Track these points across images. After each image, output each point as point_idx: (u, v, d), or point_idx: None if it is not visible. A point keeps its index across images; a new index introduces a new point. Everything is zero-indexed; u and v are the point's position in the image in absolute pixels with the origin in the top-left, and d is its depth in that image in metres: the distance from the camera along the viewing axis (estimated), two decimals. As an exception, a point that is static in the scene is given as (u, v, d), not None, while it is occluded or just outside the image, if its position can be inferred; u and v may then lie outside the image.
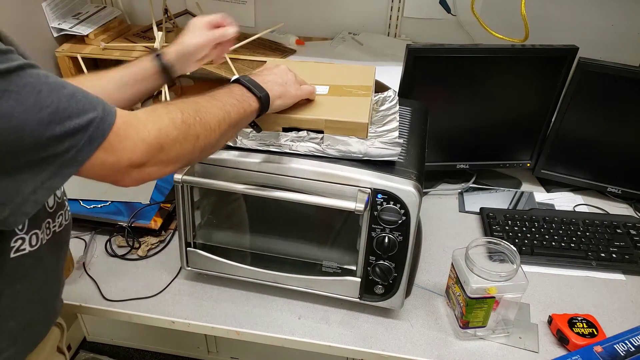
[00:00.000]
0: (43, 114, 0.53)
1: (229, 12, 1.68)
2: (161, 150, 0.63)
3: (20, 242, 0.71)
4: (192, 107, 0.68)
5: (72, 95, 0.57)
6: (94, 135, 0.57)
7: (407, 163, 0.90)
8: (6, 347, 0.74)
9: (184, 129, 0.65)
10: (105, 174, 0.61)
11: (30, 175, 0.55)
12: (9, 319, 0.73)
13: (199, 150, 0.68)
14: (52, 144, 0.54)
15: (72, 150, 0.56)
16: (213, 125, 0.69)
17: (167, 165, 0.65)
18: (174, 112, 0.65)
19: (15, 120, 0.51)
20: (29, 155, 0.54)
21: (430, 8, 1.54)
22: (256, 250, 1.02)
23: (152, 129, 0.62)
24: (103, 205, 1.19)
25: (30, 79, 0.53)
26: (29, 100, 0.52)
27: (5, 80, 0.51)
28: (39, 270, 0.76)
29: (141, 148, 0.61)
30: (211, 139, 0.70)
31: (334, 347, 0.95)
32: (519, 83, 1.24)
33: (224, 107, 0.72)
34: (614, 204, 1.33)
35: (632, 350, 0.91)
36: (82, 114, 0.56)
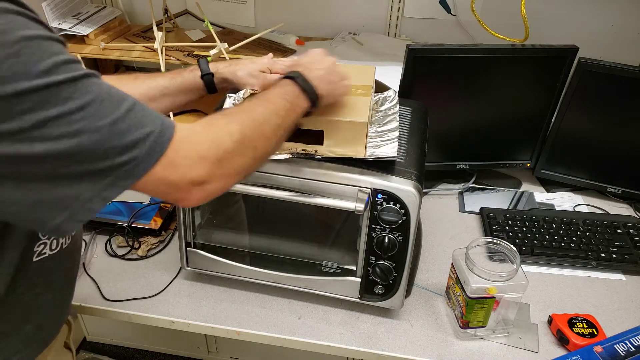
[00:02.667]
0: (104, 123, 0.53)
1: (229, 12, 1.68)
2: (220, 166, 0.62)
3: (43, 246, 0.71)
4: (249, 117, 0.68)
5: (131, 108, 0.56)
6: (152, 149, 0.56)
7: (407, 163, 0.90)
8: (21, 349, 0.74)
9: (242, 141, 0.64)
10: (167, 191, 0.60)
11: (89, 185, 0.54)
12: (26, 322, 0.73)
13: (258, 160, 0.68)
14: (110, 155, 0.54)
15: (130, 163, 0.55)
16: (270, 133, 0.69)
17: (228, 180, 0.64)
18: (232, 124, 0.65)
19: (76, 126, 0.51)
20: (89, 164, 0.53)
21: (430, 8, 1.54)
22: (256, 250, 1.02)
23: (211, 145, 0.61)
24: (103, 205, 1.19)
25: (93, 88, 0.53)
26: (92, 109, 0.52)
27: (70, 87, 0.51)
28: (57, 273, 0.76)
29: (200, 165, 0.60)
30: (268, 147, 0.70)
31: (334, 347, 0.95)
32: (519, 83, 1.24)
33: (279, 112, 0.71)
34: (614, 204, 1.33)
35: (632, 350, 0.91)
36: (141, 127, 0.56)
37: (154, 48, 1.40)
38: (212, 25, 1.45)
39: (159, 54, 1.38)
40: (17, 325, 0.72)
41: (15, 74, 0.47)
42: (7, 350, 0.72)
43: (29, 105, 0.48)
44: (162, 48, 1.40)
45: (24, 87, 0.47)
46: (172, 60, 1.39)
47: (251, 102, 0.72)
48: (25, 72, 0.47)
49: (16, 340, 0.73)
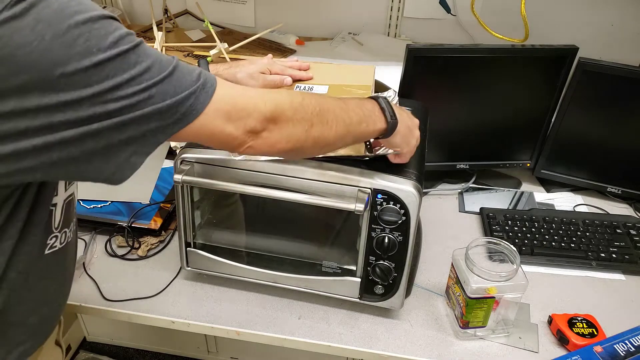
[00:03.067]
0: (166, 74, 0.59)
1: (229, 12, 1.68)
2: (274, 122, 0.66)
3: (55, 239, 0.73)
4: (315, 97, 0.71)
5: (178, 61, 0.62)
6: (205, 83, 0.62)
7: (407, 163, 0.90)
8: (24, 341, 0.75)
9: (300, 111, 0.68)
10: (224, 140, 0.65)
11: (156, 122, 0.59)
12: (32, 315, 0.75)
13: (311, 140, 0.70)
14: (177, 92, 0.59)
15: (191, 98, 0.60)
16: (330, 121, 0.71)
17: (279, 141, 0.67)
18: (295, 94, 0.70)
19: (145, 84, 0.57)
20: (158, 104, 0.58)
21: (430, 8, 1.55)
22: (256, 250, 1.02)
23: (269, 101, 0.66)
24: (103, 205, 1.19)
25: (149, 51, 0.60)
26: (154, 68, 0.58)
27: (135, 54, 0.57)
28: (63, 267, 0.78)
29: (256, 117, 0.65)
30: (325, 133, 0.71)
31: (334, 347, 0.95)
32: (519, 83, 1.24)
33: (347, 112, 0.73)
34: (614, 204, 1.33)
35: (632, 350, 0.91)
36: (192, 71, 0.62)
37: (153, 48, 1.40)
38: (212, 25, 1.45)
39: (159, 54, 1.38)
40: (25, 316, 0.74)
41: (90, 48, 0.53)
42: (13, 342, 0.73)
43: (105, 74, 0.54)
44: (162, 48, 1.40)
45: (99, 58, 0.54)
46: (172, 60, 1.39)
47: (325, 95, 0.75)
48: (98, 46, 0.54)
49: (21, 332, 0.74)
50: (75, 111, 0.54)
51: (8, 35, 0.50)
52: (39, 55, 0.51)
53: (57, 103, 0.53)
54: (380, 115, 0.77)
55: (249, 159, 0.87)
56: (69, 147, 0.56)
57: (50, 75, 0.52)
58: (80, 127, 0.55)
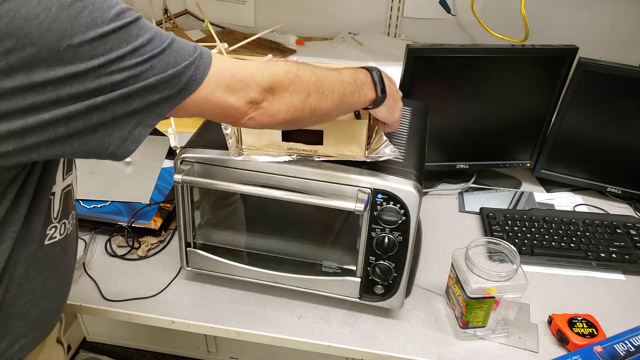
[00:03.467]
0: (166, 46, 0.60)
1: (229, 12, 1.68)
2: (271, 92, 0.67)
3: (54, 230, 0.73)
4: (310, 69, 0.72)
5: (174, 36, 0.64)
6: (202, 54, 0.63)
7: (407, 163, 0.90)
8: (25, 334, 0.75)
9: (296, 81, 0.69)
10: (226, 111, 0.66)
11: (161, 94, 0.61)
12: (33, 307, 0.75)
13: (308, 109, 0.71)
14: (177, 63, 0.61)
15: (191, 68, 0.62)
16: (326, 90, 0.72)
17: (278, 112, 0.69)
18: (291, 66, 0.70)
19: (147, 55, 0.59)
20: (160, 76, 0.60)
21: (430, 8, 1.55)
22: (256, 250, 1.02)
23: (267, 73, 0.67)
24: (103, 205, 1.19)
25: (149, 25, 0.61)
26: (155, 40, 0.60)
27: (137, 26, 0.59)
28: (63, 260, 0.78)
29: (255, 88, 0.66)
30: (321, 103, 0.72)
31: (334, 347, 0.95)
32: (519, 83, 1.24)
33: (342, 82, 0.75)
34: (614, 204, 1.33)
35: (632, 350, 0.91)
36: (188, 43, 0.63)
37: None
38: (212, 25, 1.45)
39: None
40: (26, 309, 0.74)
41: (94, 20, 0.55)
42: (14, 335, 0.73)
43: (109, 45, 0.56)
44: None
45: (104, 30, 0.55)
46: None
47: (319, 65, 0.75)
48: (102, 18, 0.55)
49: (23, 325, 0.74)
50: (81, 84, 0.55)
51: (16, 8, 0.51)
52: (46, 28, 0.52)
53: (63, 76, 0.54)
54: (372, 87, 0.79)
55: (249, 159, 0.87)
56: (75, 121, 0.57)
57: (57, 47, 0.53)
58: (87, 100, 0.56)
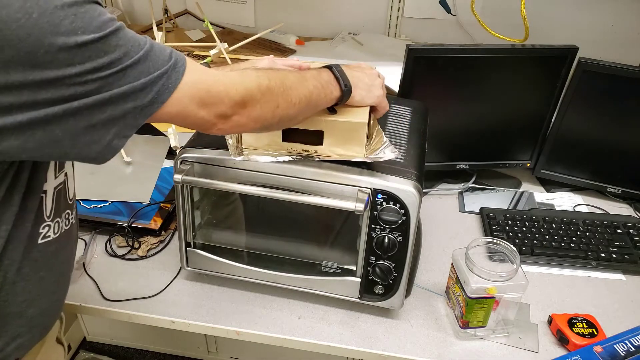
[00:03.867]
0: (141, 55, 0.62)
1: (229, 12, 1.68)
2: (244, 107, 0.70)
3: (47, 228, 0.73)
4: (279, 78, 0.75)
5: (153, 43, 0.65)
6: (177, 62, 0.65)
7: (407, 163, 0.90)
8: (22, 334, 0.75)
9: (267, 94, 0.72)
10: (197, 123, 0.69)
11: (134, 102, 0.62)
12: (30, 306, 0.75)
13: (277, 118, 0.75)
14: (150, 70, 0.62)
15: (163, 77, 0.63)
16: (294, 99, 0.75)
17: (247, 123, 0.72)
18: (262, 77, 0.73)
19: (123, 64, 0.60)
20: (134, 83, 0.61)
21: (430, 8, 1.55)
22: (256, 250, 1.02)
23: (240, 89, 0.70)
24: (103, 205, 1.19)
25: (128, 34, 0.62)
26: (133, 48, 0.61)
27: (116, 37, 0.60)
28: (59, 258, 0.78)
29: (227, 103, 0.69)
30: (289, 111, 0.76)
31: (334, 347, 0.95)
32: (519, 83, 1.24)
33: (307, 87, 0.78)
34: (614, 204, 1.33)
35: (632, 350, 0.91)
36: (165, 50, 0.65)
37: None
38: (212, 25, 1.45)
39: (159, 54, 1.38)
40: (22, 308, 0.74)
41: (75, 29, 0.55)
42: (10, 334, 0.73)
43: (87, 55, 0.57)
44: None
45: (83, 39, 0.56)
46: (172, 60, 1.39)
47: (286, 71, 0.78)
48: (83, 28, 0.56)
49: (20, 324, 0.74)
50: (57, 89, 0.56)
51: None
52: (26, 32, 0.53)
53: (40, 80, 0.55)
54: (336, 84, 0.82)
55: (248, 159, 0.87)
56: (52, 126, 0.58)
57: (35, 52, 0.54)
58: (62, 105, 0.57)
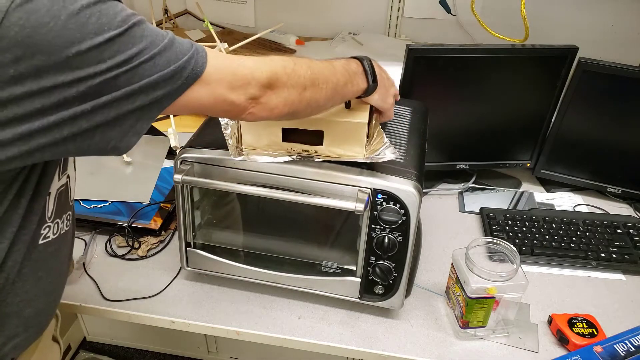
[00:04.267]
0: (166, 43, 0.63)
1: (229, 12, 1.68)
2: (271, 88, 0.70)
3: (47, 229, 0.74)
4: (305, 63, 0.75)
5: (174, 35, 0.66)
6: (198, 51, 0.65)
7: (407, 163, 0.90)
8: (19, 333, 0.75)
9: (293, 76, 0.72)
10: (227, 109, 0.69)
11: (165, 88, 0.63)
12: (27, 306, 0.75)
13: (305, 102, 0.74)
14: (177, 58, 0.63)
15: (191, 62, 0.64)
16: (321, 83, 0.75)
17: (276, 106, 0.72)
18: (288, 61, 0.73)
19: (150, 54, 0.61)
20: (163, 71, 0.62)
21: (430, 8, 1.55)
22: (256, 250, 1.02)
23: (265, 70, 0.70)
24: (103, 205, 1.19)
25: (149, 26, 0.63)
26: (156, 39, 0.62)
27: (140, 29, 0.61)
28: (57, 259, 0.78)
29: (255, 85, 0.69)
30: (317, 95, 0.75)
31: (334, 347, 0.95)
32: (519, 83, 1.24)
33: (335, 74, 0.77)
34: (614, 204, 1.33)
35: (632, 350, 0.91)
36: (185, 42, 0.65)
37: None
38: (212, 25, 1.45)
39: (159, 54, 1.38)
40: (20, 308, 0.74)
41: (102, 26, 0.57)
42: (7, 334, 0.74)
43: (115, 48, 0.58)
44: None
45: (110, 35, 0.57)
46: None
47: (316, 59, 0.78)
48: (108, 24, 0.57)
49: (17, 324, 0.74)
50: (88, 86, 0.57)
51: (25, 17, 0.52)
52: (55, 35, 0.53)
53: (71, 80, 0.56)
54: (363, 76, 0.82)
55: (249, 159, 0.87)
56: (80, 121, 0.58)
57: (66, 54, 0.54)
58: (92, 101, 0.58)
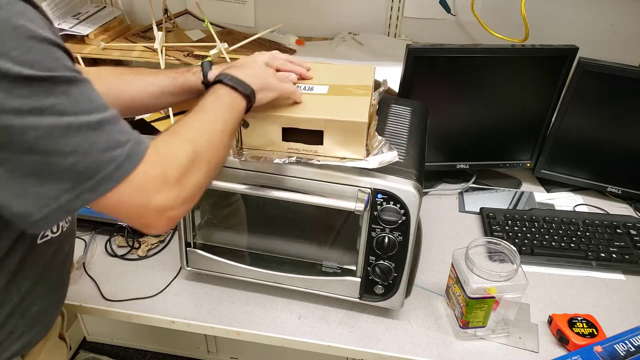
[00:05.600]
0: (92, 120, 0.57)
1: (229, 12, 1.68)
2: (183, 188, 0.63)
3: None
4: (195, 132, 0.68)
5: (116, 115, 0.60)
6: (131, 154, 0.59)
7: (407, 163, 0.90)
8: (26, 332, 0.76)
9: (196, 159, 0.66)
10: (133, 214, 0.62)
11: (71, 185, 0.57)
12: (32, 304, 0.75)
13: (212, 173, 0.69)
14: (94, 150, 0.57)
15: (112, 165, 0.57)
16: (217, 142, 0.70)
17: (190, 201, 0.66)
18: (186, 144, 0.66)
19: (67, 119, 0.55)
20: (73, 159, 0.56)
21: (430, 8, 1.54)
22: (256, 250, 1.02)
23: (174, 167, 0.63)
24: (103, 205, 1.19)
25: (85, 89, 0.58)
26: (82, 106, 0.56)
27: (68, 84, 0.56)
28: (59, 256, 0.79)
29: (166, 190, 0.61)
30: (219, 156, 0.71)
31: (334, 347, 0.95)
32: (519, 83, 1.24)
33: (219, 118, 0.72)
34: (614, 204, 1.33)
35: (632, 350, 0.91)
36: (123, 133, 0.59)
37: (153, 48, 1.40)
38: (212, 25, 1.45)
39: (159, 54, 1.38)
40: (25, 306, 0.74)
41: (26, 62, 0.52)
42: (13, 333, 0.74)
43: (31, 89, 0.53)
44: (162, 48, 1.40)
45: (30, 73, 0.52)
46: (172, 60, 1.39)
47: (190, 117, 0.72)
48: (34, 62, 0.53)
49: (22, 323, 0.74)
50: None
51: None
52: None
53: None
54: (236, 94, 0.76)
55: (248, 159, 0.87)
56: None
57: None
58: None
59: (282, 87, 0.84)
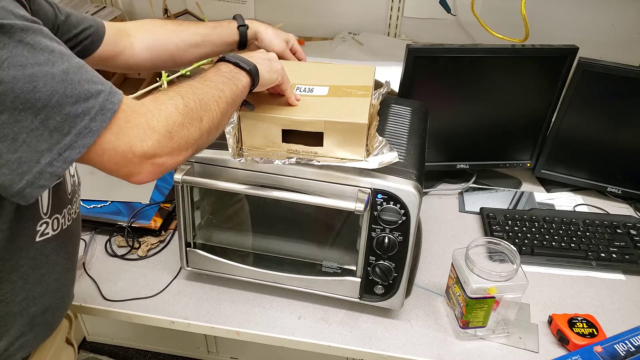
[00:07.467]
0: (57, 70, 0.55)
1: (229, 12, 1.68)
2: (171, 138, 0.63)
3: (45, 226, 0.73)
4: (190, 91, 0.68)
5: (82, 65, 0.58)
6: (104, 105, 0.58)
7: (407, 163, 0.90)
8: (25, 333, 0.75)
9: (187, 113, 0.65)
10: (118, 163, 0.60)
11: (47, 145, 0.55)
12: (31, 304, 0.75)
13: (205, 133, 0.69)
14: (64, 104, 0.55)
15: (85, 118, 0.56)
16: (212, 105, 0.70)
17: (179, 153, 0.65)
18: (175, 98, 0.66)
19: (30, 70, 0.53)
20: (44, 115, 0.54)
21: (430, 8, 1.55)
22: (256, 250, 1.02)
23: (160, 117, 0.62)
24: (103, 205, 1.19)
25: (45, 40, 0.56)
26: (44, 57, 0.54)
27: (23, 32, 0.53)
28: (60, 255, 0.78)
29: (152, 137, 0.61)
30: (213, 119, 0.70)
31: (334, 347, 0.95)
32: (519, 83, 1.24)
33: (217, 87, 0.72)
34: (614, 204, 1.33)
35: (632, 350, 0.91)
36: (93, 83, 0.58)
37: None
38: (212, 25, 1.45)
39: (159, 54, 1.38)
40: (23, 307, 0.73)
41: None
42: (12, 333, 0.73)
43: None
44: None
45: None
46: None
47: (189, 82, 0.72)
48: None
49: (22, 323, 0.74)
50: None
51: None
52: None
53: None
54: (239, 70, 0.77)
55: (249, 159, 0.87)
56: None
57: None
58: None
59: (285, 74, 0.86)
